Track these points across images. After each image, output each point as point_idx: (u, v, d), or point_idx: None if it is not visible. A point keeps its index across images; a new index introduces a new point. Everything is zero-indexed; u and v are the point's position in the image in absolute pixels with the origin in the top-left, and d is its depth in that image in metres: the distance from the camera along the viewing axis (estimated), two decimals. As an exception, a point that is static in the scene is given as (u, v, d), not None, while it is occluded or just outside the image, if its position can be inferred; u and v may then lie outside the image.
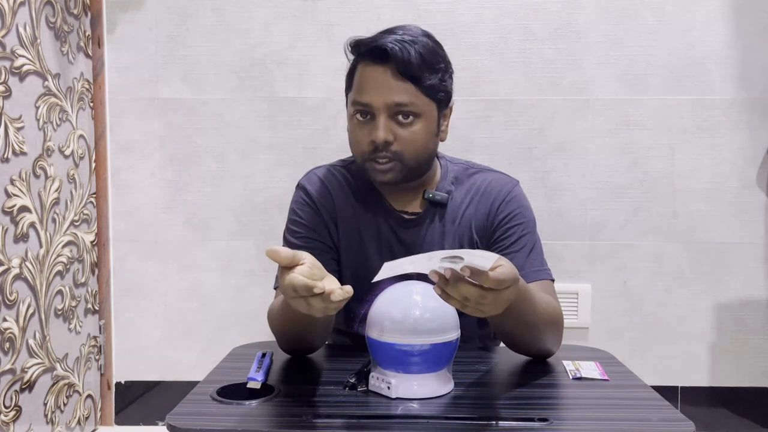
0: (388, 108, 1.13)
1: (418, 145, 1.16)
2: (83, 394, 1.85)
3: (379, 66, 1.14)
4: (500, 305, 0.88)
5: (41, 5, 1.62)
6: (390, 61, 1.13)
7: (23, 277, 1.54)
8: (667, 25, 1.85)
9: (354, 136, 1.19)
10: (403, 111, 1.13)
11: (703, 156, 1.87)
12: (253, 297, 1.93)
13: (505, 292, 0.87)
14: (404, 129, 1.14)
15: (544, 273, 1.22)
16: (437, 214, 1.24)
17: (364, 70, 1.16)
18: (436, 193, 1.23)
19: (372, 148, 1.14)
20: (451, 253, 0.83)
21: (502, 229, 1.23)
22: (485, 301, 0.85)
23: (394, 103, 1.13)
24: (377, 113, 1.14)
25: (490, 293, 0.85)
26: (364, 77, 1.16)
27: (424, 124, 1.16)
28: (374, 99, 1.13)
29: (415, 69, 1.13)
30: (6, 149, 1.48)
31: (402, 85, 1.13)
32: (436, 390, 0.96)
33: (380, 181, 1.18)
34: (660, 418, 0.89)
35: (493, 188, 1.26)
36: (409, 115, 1.14)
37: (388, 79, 1.13)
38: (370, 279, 1.11)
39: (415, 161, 1.17)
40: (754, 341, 1.90)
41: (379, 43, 1.14)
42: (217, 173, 1.92)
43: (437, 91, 1.17)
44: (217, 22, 1.89)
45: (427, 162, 1.22)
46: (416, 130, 1.15)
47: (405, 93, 1.13)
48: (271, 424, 0.87)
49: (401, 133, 1.14)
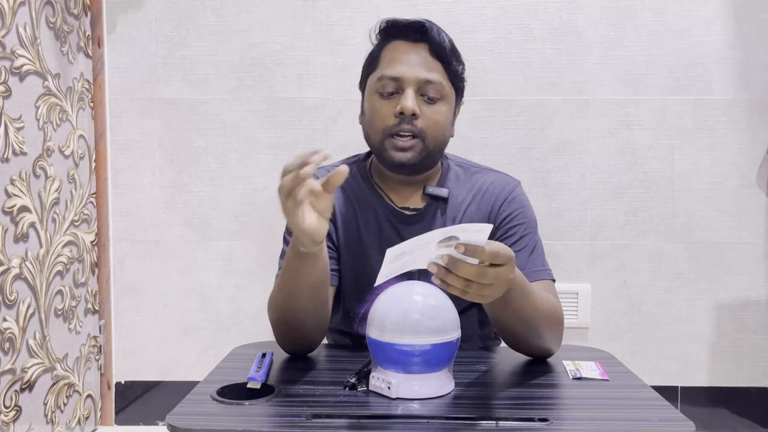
0: (419, 83, 1.15)
1: (439, 127, 1.18)
2: (83, 394, 1.85)
3: (414, 44, 1.18)
4: (500, 285, 0.90)
5: (41, 5, 1.62)
6: (425, 41, 1.17)
7: (23, 277, 1.54)
8: (667, 25, 1.85)
9: (376, 113, 1.18)
10: (430, 89, 1.16)
11: (703, 156, 1.87)
12: (253, 297, 1.93)
13: (503, 269, 0.88)
14: (430, 108, 1.17)
15: (545, 273, 1.22)
16: (438, 210, 1.24)
17: (397, 46, 1.20)
18: (436, 189, 1.24)
19: (397, 121, 1.15)
20: (447, 233, 0.85)
21: (504, 229, 1.23)
22: (485, 280, 0.87)
23: (425, 79, 1.15)
24: (406, 87, 1.15)
25: (490, 270, 0.86)
26: (398, 53, 1.19)
27: (446, 108, 1.19)
28: (407, 72, 1.15)
29: (447, 52, 1.18)
30: (6, 149, 1.48)
31: (434, 63, 1.17)
32: (436, 390, 0.96)
33: (399, 160, 1.17)
34: (660, 418, 0.89)
35: (495, 188, 1.27)
36: (437, 95, 1.17)
37: (423, 56, 1.17)
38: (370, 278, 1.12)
39: (434, 143, 1.18)
40: (754, 341, 1.90)
41: (417, 20, 1.19)
42: (217, 173, 1.92)
43: (459, 79, 1.22)
44: (217, 22, 1.89)
45: (441, 150, 1.24)
46: (440, 110, 1.18)
47: (437, 72, 1.17)
48: (271, 424, 0.87)
49: (427, 111, 1.16)
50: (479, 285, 0.87)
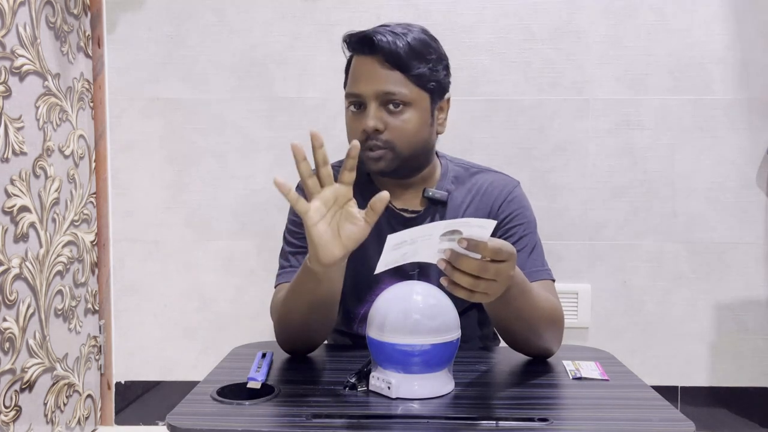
0: (378, 97, 1.15)
1: (409, 134, 1.17)
2: (83, 394, 1.85)
3: (368, 56, 1.17)
4: (502, 281, 0.91)
5: (41, 5, 1.62)
6: (377, 51, 1.15)
7: (23, 277, 1.54)
8: (667, 25, 1.85)
9: (349, 128, 1.21)
10: (392, 100, 1.15)
11: (703, 156, 1.87)
12: (253, 297, 1.93)
13: (504, 265, 0.89)
14: (395, 117, 1.16)
15: (545, 273, 1.23)
16: (438, 213, 1.24)
17: (356, 61, 1.20)
18: (435, 192, 1.24)
19: (364, 138, 1.16)
20: (451, 226, 0.86)
21: (503, 230, 1.24)
22: (486, 275, 0.88)
23: (382, 91, 1.15)
24: (368, 102, 1.16)
25: (492, 265, 0.88)
26: (355, 68, 1.19)
27: (416, 113, 1.17)
28: (363, 88, 1.16)
29: (403, 58, 1.15)
30: (6, 149, 1.48)
31: (390, 73, 1.15)
32: (436, 390, 0.96)
33: (374, 170, 1.19)
34: (660, 418, 0.89)
35: (494, 188, 1.27)
36: (399, 104, 1.16)
37: (377, 69, 1.15)
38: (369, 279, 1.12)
39: (407, 150, 1.18)
40: (754, 341, 1.90)
41: (366, 33, 1.17)
42: (217, 173, 1.92)
43: (428, 81, 1.18)
44: (217, 22, 1.89)
45: (423, 152, 1.22)
46: (407, 118, 1.17)
47: (393, 82, 1.15)
48: (271, 424, 0.87)
49: (392, 122, 1.16)
50: (485, 282, 0.89)
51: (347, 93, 1.20)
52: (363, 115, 1.17)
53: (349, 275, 1.24)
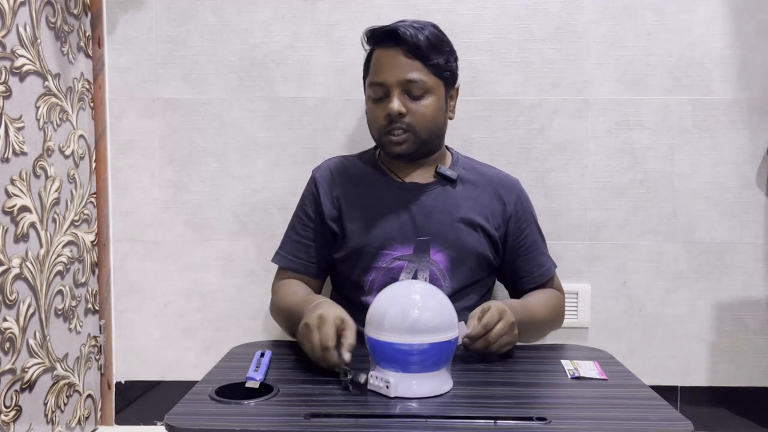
0: (401, 84, 1.29)
1: (428, 118, 1.31)
2: (83, 394, 1.85)
3: (392, 48, 1.31)
4: (509, 332, 1.12)
5: (41, 5, 1.62)
6: (401, 44, 1.29)
7: (23, 277, 1.54)
8: (667, 25, 1.85)
9: (371, 115, 1.35)
10: (414, 87, 1.29)
11: (703, 156, 1.87)
12: (253, 297, 1.93)
13: (500, 324, 1.09)
14: (416, 103, 1.30)
15: (552, 267, 1.47)
16: (447, 187, 1.37)
17: (379, 53, 1.33)
18: (446, 169, 1.40)
19: (388, 122, 1.30)
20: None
21: (516, 228, 1.42)
22: (493, 338, 1.10)
23: (405, 79, 1.29)
24: (391, 90, 1.29)
25: (491, 334, 1.09)
26: (379, 59, 1.33)
27: (434, 100, 1.32)
28: (388, 77, 1.29)
29: (423, 50, 1.29)
30: (6, 149, 1.48)
31: (412, 63, 1.29)
32: (435, 389, 0.96)
33: (396, 153, 1.33)
34: (658, 418, 0.89)
35: (502, 181, 1.46)
36: (420, 91, 1.30)
37: (400, 59, 1.29)
38: (376, 246, 1.23)
39: (427, 133, 1.33)
40: (754, 341, 1.90)
41: (391, 27, 1.32)
42: (217, 173, 1.93)
43: (443, 70, 1.33)
44: (217, 22, 1.90)
45: (437, 136, 1.38)
46: (427, 104, 1.31)
47: (415, 70, 1.29)
48: (269, 424, 0.87)
49: (413, 107, 1.30)
50: (497, 344, 1.10)
51: (371, 82, 1.32)
52: (385, 103, 1.30)
53: (356, 246, 1.33)
